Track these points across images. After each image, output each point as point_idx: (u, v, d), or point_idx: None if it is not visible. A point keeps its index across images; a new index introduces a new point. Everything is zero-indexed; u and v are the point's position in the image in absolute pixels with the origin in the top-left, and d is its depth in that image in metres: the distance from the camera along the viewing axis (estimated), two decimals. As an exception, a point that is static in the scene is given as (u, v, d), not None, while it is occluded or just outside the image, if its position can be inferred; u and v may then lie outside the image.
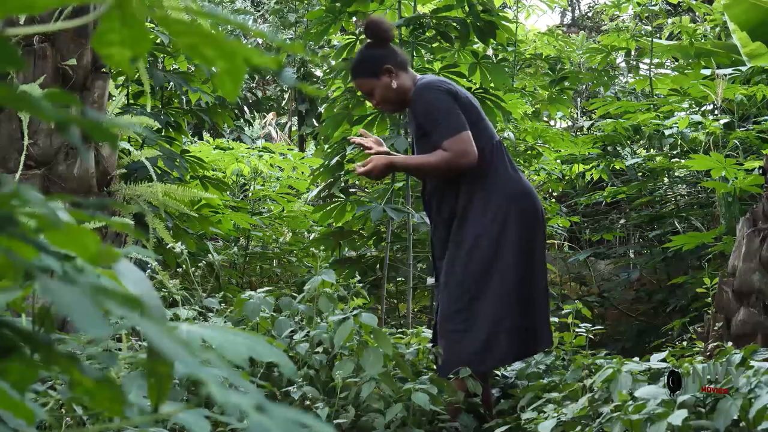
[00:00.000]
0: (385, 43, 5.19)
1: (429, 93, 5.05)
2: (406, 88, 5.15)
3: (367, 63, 5.20)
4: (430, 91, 5.06)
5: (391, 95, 5.16)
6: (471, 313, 4.94)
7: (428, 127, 5.00)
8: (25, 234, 1.19)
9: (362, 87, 5.25)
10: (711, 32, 11.24)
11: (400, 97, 5.18)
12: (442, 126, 4.93)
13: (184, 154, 7.06)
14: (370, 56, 5.20)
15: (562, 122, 13.36)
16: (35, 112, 1.13)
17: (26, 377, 1.28)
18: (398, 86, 5.13)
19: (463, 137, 4.90)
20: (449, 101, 5.01)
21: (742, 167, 6.88)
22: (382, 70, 5.13)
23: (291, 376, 2.80)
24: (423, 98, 5.05)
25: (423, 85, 5.10)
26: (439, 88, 5.07)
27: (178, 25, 1.19)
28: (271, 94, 15.46)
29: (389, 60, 5.14)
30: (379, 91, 5.16)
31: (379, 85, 5.14)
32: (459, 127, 4.92)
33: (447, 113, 4.96)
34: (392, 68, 5.12)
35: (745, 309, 5.14)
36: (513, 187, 5.06)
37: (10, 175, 5.07)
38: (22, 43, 5.32)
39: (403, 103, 5.24)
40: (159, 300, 1.37)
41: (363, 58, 5.24)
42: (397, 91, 5.14)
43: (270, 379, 4.37)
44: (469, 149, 4.90)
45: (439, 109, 4.98)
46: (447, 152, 4.88)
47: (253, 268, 9.00)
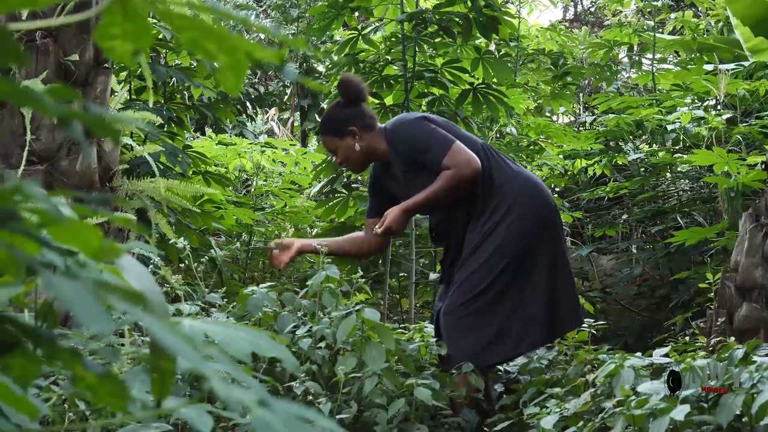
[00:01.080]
0: (356, 102, 5.21)
1: (404, 129, 5.11)
2: (372, 147, 5.19)
3: (332, 123, 5.25)
4: (404, 126, 5.13)
5: (353, 156, 5.21)
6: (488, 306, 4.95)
7: (418, 158, 5.01)
8: (27, 229, 1.19)
9: (326, 145, 5.32)
10: (714, 27, 11.23)
11: (363, 158, 5.24)
12: (432, 149, 4.95)
13: (186, 149, 7.05)
14: (335, 117, 5.25)
15: (564, 117, 13.34)
16: (38, 107, 1.13)
17: (29, 372, 1.28)
18: (362, 148, 5.18)
19: (456, 148, 4.92)
20: (425, 125, 5.05)
21: (745, 162, 6.86)
22: (346, 131, 5.18)
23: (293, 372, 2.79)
24: (400, 137, 5.09)
25: (393, 126, 5.18)
26: (410, 121, 5.14)
27: (180, 20, 1.19)
28: (273, 90, 15.46)
29: (355, 120, 5.16)
30: (341, 151, 5.22)
31: (342, 145, 5.20)
32: (447, 141, 4.94)
33: (429, 136, 4.99)
34: (356, 130, 5.15)
35: (748, 304, 5.14)
36: (522, 183, 5.08)
37: (12, 171, 5.07)
38: (25, 38, 5.32)
39: (368, 162, 5.31)
40: (161, 295, 1.37)
41: (329, 118, 5.29)
42: (361, 152, 5.19)
43: (273, 374, 4.38)
44: (468, 157, 4.91)
45: (421, 136, 5.02)
46: (450, 170, 4.88)
47: (255, 264, 9.00)
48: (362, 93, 5.26)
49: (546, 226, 5.07)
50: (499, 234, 4.97)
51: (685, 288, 7.94)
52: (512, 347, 4.98)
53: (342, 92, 5.23)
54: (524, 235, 4.98)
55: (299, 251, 5.37)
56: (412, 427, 4.26)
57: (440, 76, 7.23)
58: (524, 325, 4.96)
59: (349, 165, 5.31)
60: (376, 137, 5.19)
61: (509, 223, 4.97)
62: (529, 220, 5.00)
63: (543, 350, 5.37)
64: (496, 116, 7.76)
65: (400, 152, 5.09)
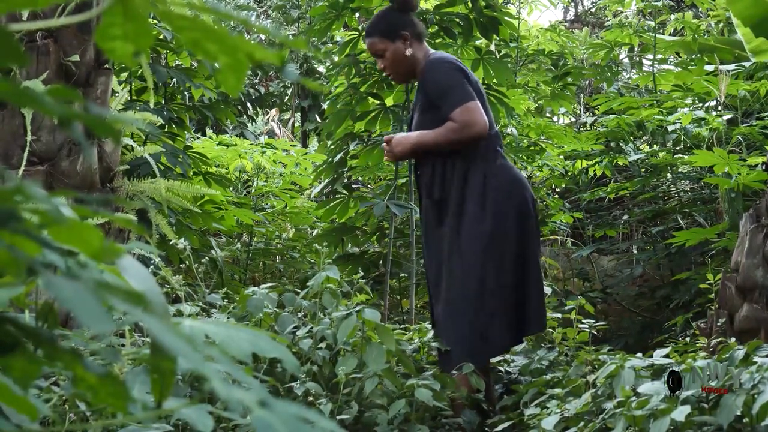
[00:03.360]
0: (407, 9, 5.21)
1: (440, 66, 5.07)
2: (417, 59, 5.17)
3: (385, 24, 5.22)
4: (442, 64, 5.08)
5: (401, 62, 5.18)
6: (472, 303, 4.95)
7: (437, 99, 4.99)
8: (28, 230, 1.19)
9: (374, 47, 5.24)
10: (714, 28, 11.23)
11: (409, 67, 5.21)
12: (450, 97, 4.93)
13: (187, 150, 7.06)
14: (389, 18, 5.23)
15: (564, 118, 13.34)
16: (38, 108, 1.13)
17: (29, 373, 1.28)
18: (411, 55, 5.14)
19: (470, 107, 4.90)
20: (459, 76, 5.02)
21: (746, 163, 6.87)
22: (398, 34, 5.15)
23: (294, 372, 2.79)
24: (434, 71, 5.06)
25: (435, 58, 5.13)
26: (450, 63, 5.09)
27: (180, 21, 1.19)
28: (273, 90, 15.46)
29: (407, 27, 5.15)
30: (390, 54, 5.18)
31: (392, 48, 5.17)
32: (466, 97, 4.92)
33: (456, 86, 4.96)
34: (408, 35, 5.13)
35: (749, 305, 5.14)
36: (508, 175, 5.07)
37: (13, 171, 5.07)
38: (25, 39, 5.33)
39: (411, 74, 5.27)
40: (162, 296, 1.37)
41: (382, 19, 5.26)
42: (409, 59, 5.17)
43: (273, 374, 4.38)
44: (478, 119, 4.89)
45: (449, 82, 4.98)
46: (455, 123, 4.88)
47: (256, 264, 9.01)
48: (412, 3, 5.26)
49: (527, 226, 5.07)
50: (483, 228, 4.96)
51: (686, 288, 7.94)
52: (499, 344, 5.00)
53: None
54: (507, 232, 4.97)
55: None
56: (413, 428, 4.26)
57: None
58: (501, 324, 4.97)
59: (394, 70, 5.26)
60: (422, 51, 5.21)
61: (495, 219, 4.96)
62: (513, 217, 5.00)
63: (544, 351, 5.37)
64: (496, 117, 7.75)
65: (424, 83, 5.09)
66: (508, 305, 4.96)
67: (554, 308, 6.23)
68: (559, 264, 9.55)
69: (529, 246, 5.07)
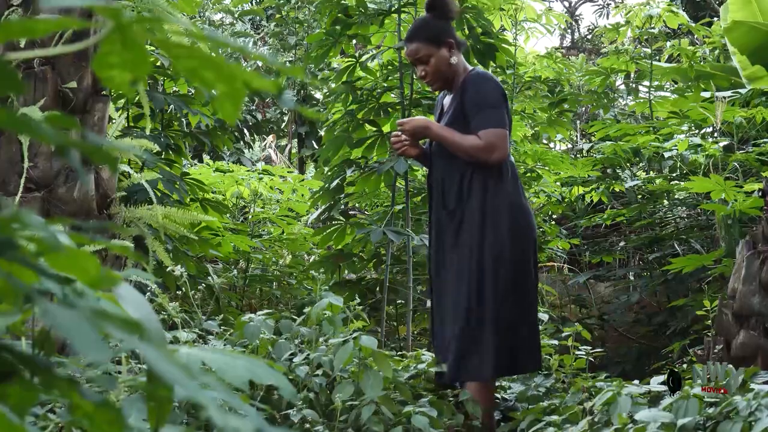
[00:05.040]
0: (448, 18, 5.20)
1: (487, 82, 5.07)
2: (458, 69, 5.16)
3: (430, 30, 5.17)
4: (489, 81, 5.09)
5: (445, 70, 5.15)
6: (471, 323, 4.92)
7: (472, 112, 4.98)
8: (25, 258, 1.19)
9: (418, 53, 5.17)
10: (710, 55, 11.26)
11: (450, 75, 5.18)
12: (485, 115, 4.92)
13: (184, 176, 7.06)
14: (435, 24, 5.19)
15: (561, 145, 13.37)
16: (36, 135, 1.13)
17: (26, 400, 1.28)
18: (455, 64, 5.14)
19: (500, 133, 4.91)
20: (502, 101, 5.02)
21: (742, 190, 6.88)
22: (443, 41, 5.13)
23: (291, 399, 2.77)
24: (480, 83, 5.05)
25: (483, 73, 5.16)
26: (497, 84, 5.11)
27: (178, 49, 1.19)
28: (270, 117, 15.47)
29: (452, 34, 5.14)
30: (435, 60, 5.14)
31: (438, 55, 5.13)
32: (501, 122, 4.93)
33: (495, 107, 4.97)
34: (453, 43, 5.12)
35: (745, 331, 5.14)
36: (518, 202, 5.05)
37: (10, 198, 5.07)
38: (23, 66, 5.33)
39: (450, 83, 5.22)
40: (159, 323, 1.37)
41: (426, 25, 5.21)
42: (452, 68, 5.15)
43: (270, 402, 4.37)
44: (501, 146, 4.90)
45: (492, 101, 4.98)
46: (480, 141, 4.88)
47: (252, 291, 9.00)
48: (453, 11, 5.26)
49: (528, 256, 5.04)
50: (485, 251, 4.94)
51: (683, 315, 7.94)
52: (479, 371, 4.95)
53: (435, 5, 5.20)
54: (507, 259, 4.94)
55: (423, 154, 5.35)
56: (410, 455, 4.25)
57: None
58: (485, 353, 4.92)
59: (436, 77, 5.20)
60: (462, 62, 5.20)
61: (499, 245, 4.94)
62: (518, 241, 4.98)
63: (540, 378, 5.36)
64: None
65: (465, 92, 5.06)
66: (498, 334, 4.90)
67: (551, 335, 6.22)
68: (555, 290, 9.55)
69: (527, 278, 5.03)
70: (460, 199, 5.04)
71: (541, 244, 8.94)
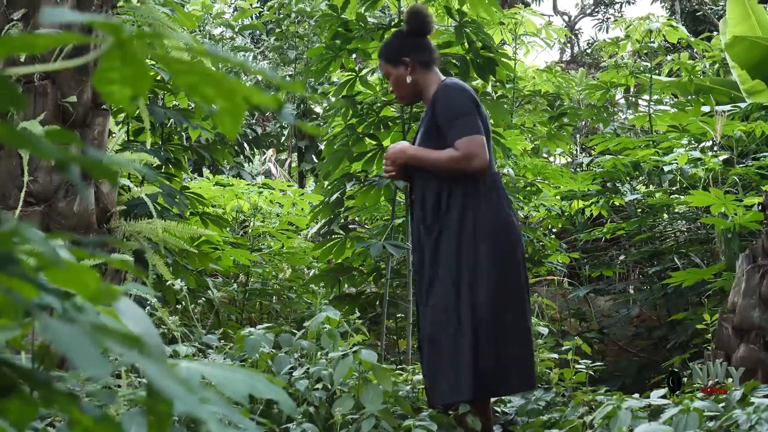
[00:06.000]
0: (418, 34, 5.20)
1: (455, 92, 5.03)
2: (422, 85, 5.16)
3: (388, 49, 5.25)
4: (456, 91, 5.05)
5: (403, 87, 5.19)
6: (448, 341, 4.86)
7: (445, 123, 4.95)
8: (25, 272, 1.19)
9: (381, 68, 5.30)
10: (710, 69, 11.28)
11: (413, 92, 5.20)
12: (458, 125, 4.90)
13: (183, 190, 7.06)
14: (393, 43, 5.26)
15: (561, 158, 13.37)
16: (36, 150, 1.13)
17: (25, 415, 1.28)
18: (413, 81, 5.15)
19: (476, 139, 4.87)
20: (472, 107, 4.99)
21: (742, 203, 6.88)
22: (399, 60, 5.16)
23: (290, 413, 2.77)
24: (448, 96, 5.02)
25: (451, 83, 5.10)
26: (466, 92, 5.07)
27: (178, 64, 1.20)
28: (270, 131, 15.48)
29: (411, 53, 5.14)
30: (393, 78, 5.21)
31: (394, 73, 5.19)
32: (475, 129, 4.89)
33: (467, 115, 4.93)
34: (410, 62, 5.13)
35: (745, 345, 5.14)
36: (499, 218, 4.99)
37: (10, 212, 5.07)
38: (23, 80, 5.34)
39: (416, 98, 5.27)
40: (158, 337, 1.37)
41: (388, 43, 5.30)
42: (411, 85, 5.16)
43: (269, 416, 4.36)
44: (480, 152, 4.86)
45: (462, 110, 4.95)
46: (458, 152, 4.85)
47: (252, 305, 8.99)
48: (427, 26, 5.24)
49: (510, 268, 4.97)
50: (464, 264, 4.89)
51: (683, 329, 7.94)
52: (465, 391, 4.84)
53: (406, 21, 5.23)
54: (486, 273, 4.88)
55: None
56: (410, 469, 4.24)
57: (438, 118, 7.25)
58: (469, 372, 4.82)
59: (398, 93, 5.26)
60: (429, 77, 5.18)
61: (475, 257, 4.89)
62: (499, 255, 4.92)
63: (540, 391, 5.36)
64: (493, 157, 7.78)
65: (435, 105, 5.04)
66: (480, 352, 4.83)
67: (551, 348, 6.22)
68: (555, 304, 9.54)
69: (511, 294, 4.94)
70: (437, 214, 5.01)
71: (540, 258, 8.94)
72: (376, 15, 7.35)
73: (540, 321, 6.38)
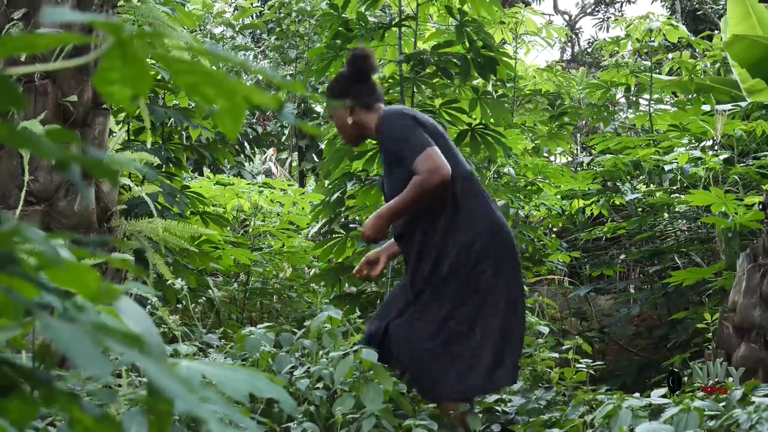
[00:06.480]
0: (360, 76, 5.23)
1: (391, 121, 5.07)
2: (366, 125, 5.20)
3: (330, 91, 5.32)
4: (391, 120, 5.08)
5: (345, 128, 5.24)
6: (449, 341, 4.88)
7: (397, 154, 4.97)
8: (25, 271, 1.19)
9: (327, 110, 5.34)
10: (710, 68, 11.28)
11: (356, 133, 5.26)
12: (407, 149, 4.90)
13: (184, 189, 7.07)
14: (334, 86, 5.32)
15: (561, 158, 13.37)
16: (36, 150, 1.13)
17: (26, 414, 1.28)
18: (354, 123, 5.20)
19: (429, 153, 4.85)
20: (411, 125, 4.99)
21: (742, 202, 6.88)
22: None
23: (291, 413, 2.77)
24: (386, 129, 5.06)
25: (385, 116, 5.13)
26: (399, 115, 5.10)
27: (178, 64, 1.20)
28: (271, 130, 15.47)
29: (352, 95, 5.17)
30: (336, 119, 5.29)
31: (337, 114, 5.25)
32: (423, 143, 4.88)
33: (410, 136, 4.93)
34: (351, 104, 5.17)
35: (746, 344, 5.14)
36: (484, 220, 5.00)
37: (10, 212, 5.07)
38: (23, 80, 5.34)
39: (361, 138, 5.35)
40: (159, 337, 1.37)
41: (329, 86, 5.39)
42: (353, 127, 5.21)
43: (270, 415, 4.36)
44: (438, 163, 4.84)
45: (403, 134, 4.96)
46: (419, 174, 4.85)
47: (253, 304, 8.99)
48: (369, 69, 5.25)
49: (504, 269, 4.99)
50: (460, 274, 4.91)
51: (683, 328, 7.93)
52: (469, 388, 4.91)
53: (348, 65, 5.27)
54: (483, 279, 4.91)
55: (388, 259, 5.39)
56: (410, 469, 4.24)
57: (438, 117, 7.25)
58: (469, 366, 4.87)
59: (343, 136, 5.36)
60: (372, 116, 5.19)
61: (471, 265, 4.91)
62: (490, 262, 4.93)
63: (541, 390, 5.36)
64: (493, 156, 7.78)
65: (382, 141, 5.10)
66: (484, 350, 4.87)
67: (552, 348, 6.22)
68: (556, 303, 9.54)
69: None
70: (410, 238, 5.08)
71: (541, 257, 8.94)
72: (377, 14, 7.35)
73: (540, 320, 6.38)
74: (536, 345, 5.82)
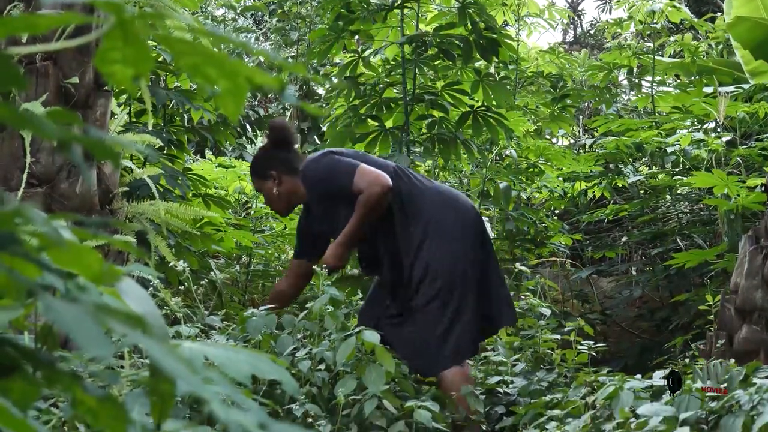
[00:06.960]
0: (281, 145, 5.30)
1: (311, 166, 5.22)
2: (292, 192, 5.32)
3: (255, 165, 5.45)
4: (311, 164, 5.24)
5: (274, 199, 5.37)
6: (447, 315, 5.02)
7: (330, 190, 5.12)
8: (27, 253, 1.19)
9: (254, 185, 5.54)
10: (713, 50, 11.25)
11: (284, 202, 5.38)
12: (339, 177, 5.05)
13: (186, 172, 7.05)
14: (258, 159, 5.45)
15: (564, 140, 13.35)
16: (37, 131, 1.13)
17: (28, 395, 1.28)
18: (281, 192, 5.32)
19: (361, 170, 5.01)
20: (330, 159, 5.19)
21: (745, 185, 6.88)
22: (266, 174, 5.32)
23: (293, 394, 2.79)
24: (309, 175, 5.20)
25: (303, 167, 5.25)
26: (315, 158, 5.27)
27: (180, 45, 1.20)
28: (273, 112, 15.44)
29: (276, 166, 5.26)
30: (264, 192, 5.41)
31: (264, 187, 5.36)
32: (352, 166, 5.04)
33: (334, 166, 5.12)
34: (276, 174, 5.29)
35: (748, 326, 5.14)
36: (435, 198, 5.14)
37: (12, 193, 5.07)
38: (24, 61, 5.33)
39: (290, 205, 5.44)
40: (161, 318, 1.37)
41: (255, 160, 5.51)
42: (281, 196, 5.33)
43: (272, 396, 4.37)
44: (375, 173, 5.00)
45: (326, 168, 5.15)
46: (362, 191, 4.94)
47: (255, 286, 8.99)
48: (288, 137, 5.42)
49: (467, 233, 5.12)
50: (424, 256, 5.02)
51: (685, 310, 7.94)
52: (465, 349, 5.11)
53: (268, 135, 5.43)
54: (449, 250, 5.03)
55: None
56: (412, 450, 4.25)
57: (440, 99, 7.25)
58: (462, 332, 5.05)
59: (273, 207, 5.47)
60: (297, 181, 5.28)
61: (431, 244, 5.03)
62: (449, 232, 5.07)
63: (543, 372, 5.36)
64: (495, 139, 7.76)
65: (313, 190, 5.21)
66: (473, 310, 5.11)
67: (554, 329, 6.22)
68: (558, 285, 9.54)
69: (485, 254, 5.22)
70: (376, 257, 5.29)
71: (543, 240, 8.94)
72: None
73: (542, 302, 6.38)
74: (538, 327, 5.83)
